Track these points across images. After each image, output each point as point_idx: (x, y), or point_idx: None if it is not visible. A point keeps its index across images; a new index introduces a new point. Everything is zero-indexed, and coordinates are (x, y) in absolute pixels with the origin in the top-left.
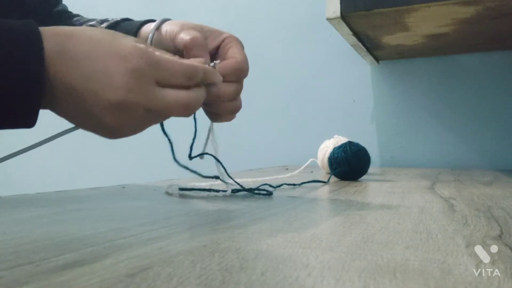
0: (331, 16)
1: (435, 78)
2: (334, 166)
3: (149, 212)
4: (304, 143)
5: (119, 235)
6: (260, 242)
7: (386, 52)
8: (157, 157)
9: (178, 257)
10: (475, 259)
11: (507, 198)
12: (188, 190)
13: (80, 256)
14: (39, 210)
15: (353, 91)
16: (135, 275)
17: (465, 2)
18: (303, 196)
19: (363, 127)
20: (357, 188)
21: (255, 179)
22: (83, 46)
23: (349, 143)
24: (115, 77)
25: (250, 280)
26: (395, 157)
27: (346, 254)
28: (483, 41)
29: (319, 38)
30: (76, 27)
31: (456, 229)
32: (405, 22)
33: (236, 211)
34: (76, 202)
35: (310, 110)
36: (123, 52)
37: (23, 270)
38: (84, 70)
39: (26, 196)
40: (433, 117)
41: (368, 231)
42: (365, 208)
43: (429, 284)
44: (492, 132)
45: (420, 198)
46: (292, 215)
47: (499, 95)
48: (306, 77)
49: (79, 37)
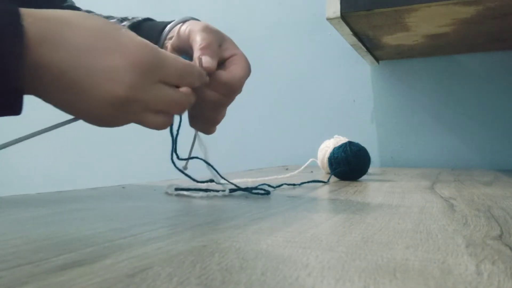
0: (331, 16)
1: (435, 78)
2: (334, 166)
3: (149, 212)
4: (304, 143)
5: (119, 235)
6: (260, 242)
7: (386, 52)
8: (157, 157)
9: (178, 257)
10: (475, 259)
11: (507, 198)
12: (185, 190)
13: (80, 256)
14: (39, 210)
15: (353, 91)
16: (135, 275)
17: (465, 2)
18: (303, 196)
19: (363, 127)
20: (357, 188)
21: (255, 179)
22: (83, 36)
23: (349, 143)
24: (119, 72)
25: (250, 280)
26: (395, 157)
27: (346, 254)
28: (483, 41)
29: (319, 38)
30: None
31: (456, 229)
32: (405, 22)
33: (236, 211)
34: (76, 202)
35: (310, 110)
36: (129, 47)
37: (22, 270)
38: (84, 61)
39: (26, 196)
40: (433, 117)
41: (368, 231)
42: (365, 208)
43: (429, 284)
44: (492, 132)
45: (420, 198)
46: (292, 215)
47: (499, 95)
48: (306, 77)
49: (78, 26)
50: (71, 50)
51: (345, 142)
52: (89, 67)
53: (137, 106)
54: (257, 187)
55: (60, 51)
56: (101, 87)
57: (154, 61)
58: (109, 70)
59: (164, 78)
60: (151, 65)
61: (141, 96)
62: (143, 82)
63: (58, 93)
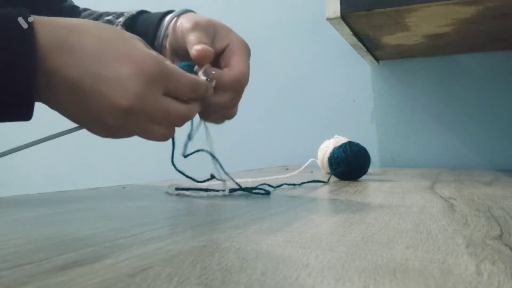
0: (331, 16)
1: (435, 78)
2: (334, 166)
3: (149, 212)
4: (304, 143)
5: (119, 235)
6: (260, 242)
7: (386, 52)
8: (157, 157)
9: (178, 257)
10: (475, 259)
11: (507, 198)
12: (186, 189)
13: (80, 256)
14: (40, 210)
15: (353, 91)
16: (135, 275)
17: (465, 2)
18: (303, 196)
19: (363, 127)
20: (357, 188)
21: (255, 179)
22: (91, 44)
23: (349, 143)
24: (127, 82)
25: (250, 280)
26: (395, 157)
27: (346, 254)
28: (483, 41)
29: (319, 38)
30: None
31: (456, 229)
32: (405, 22)
33: (236, 211)
34: (77, 202)
35: (310, 110)
36: (137, 57)
37: (23, 270)
38: (91, 69)
39: (26, 196)
40: (433, 117)
41: (368, 231)
42: (365, 208)
43: (429, 284)
44: (492, 132)
45: (420, 198)
46: (292, 215)
47: (499, 95)
48: (306, 77)
49: (86, 34)
50: (79, 57)
51: (345, 142)
52: (96, 75)
53: (141, 117)
54: (257, 187)
55: (69, 58)
56: (107, 95)
57: (161, 73)
58: (116, 78)
59: (170, 91)
60: (157, 76)
61: (146, 107)
62: (149, 92)
63: (65, 100)
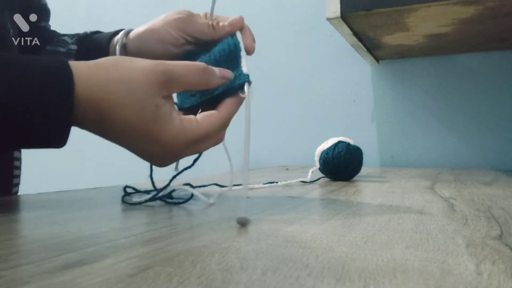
0: (331, 16)
1: (435, 78)
2: (324, 167)
3: (150, 212)
4: (304, 143)
5: (119, 235)
6: (260, 242)
7: (386, 52)
8: None
9: (179, 257)
10: (475, 259)
11: (507, 198)
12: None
13: (80, 256)
14: (40, 210)
15: (353, 91)
16: (135, 275)
17: (465, 2)
18: (303, 196)
19: (363, 127)
20: (357, 188)
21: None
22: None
23: (338, 142)
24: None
25: (250, 280)
26: (395, 157)
27: (346, 254)
28: (483, 41)
29: (319, 38)
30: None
31: (456, 229)
32: (405, 22)
33: (236, 211)
34: (76, 202)
35: (310, 110)
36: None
37: (23, 270)
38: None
39: (26, 196)
40: (433, 117)
41: (368, 231)
42: (365, 208)
43: (429, 284)
44: (492, 132)
45: (420, 198)
46: (292, 215)
47: (499, 95)
48: (306, 77)
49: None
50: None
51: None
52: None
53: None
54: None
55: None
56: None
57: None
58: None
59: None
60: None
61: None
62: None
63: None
